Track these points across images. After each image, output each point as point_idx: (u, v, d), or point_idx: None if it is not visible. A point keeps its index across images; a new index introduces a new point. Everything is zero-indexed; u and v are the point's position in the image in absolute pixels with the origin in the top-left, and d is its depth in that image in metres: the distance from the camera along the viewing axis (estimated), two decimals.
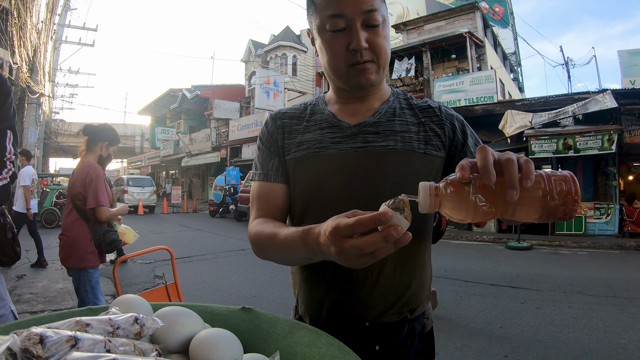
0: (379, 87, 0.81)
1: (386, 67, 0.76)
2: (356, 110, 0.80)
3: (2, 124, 1.10)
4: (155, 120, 28.52)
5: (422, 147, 0.76)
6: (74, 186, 2.20)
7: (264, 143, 0.85)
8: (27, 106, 11.17)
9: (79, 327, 0.46)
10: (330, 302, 0.76)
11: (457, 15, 14.89)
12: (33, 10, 10.51)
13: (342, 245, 0.47)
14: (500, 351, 2.76)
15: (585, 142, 8.50)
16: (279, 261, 0.71)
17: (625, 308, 3.71)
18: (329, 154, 0.77)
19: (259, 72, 17.25)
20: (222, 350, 0.51)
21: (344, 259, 0.49)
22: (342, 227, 0.47)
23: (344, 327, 0.74)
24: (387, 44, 0.74)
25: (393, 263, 0.74)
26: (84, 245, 2.18)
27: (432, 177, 0.77)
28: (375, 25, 0.70)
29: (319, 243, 0.52)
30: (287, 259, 0.68)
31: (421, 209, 0.49)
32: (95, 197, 2.16)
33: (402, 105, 0.82)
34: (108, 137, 2.33)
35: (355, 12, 0.69)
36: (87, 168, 2.22)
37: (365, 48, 0.70)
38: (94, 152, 2.29)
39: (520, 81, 22.18)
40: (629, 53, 14.54)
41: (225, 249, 7.22)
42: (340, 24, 0.70)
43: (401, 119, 0.79)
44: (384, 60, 0.74)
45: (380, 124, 0.78)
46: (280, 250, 0.65)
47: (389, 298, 0.74)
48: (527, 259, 6.54)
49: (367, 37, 0.70)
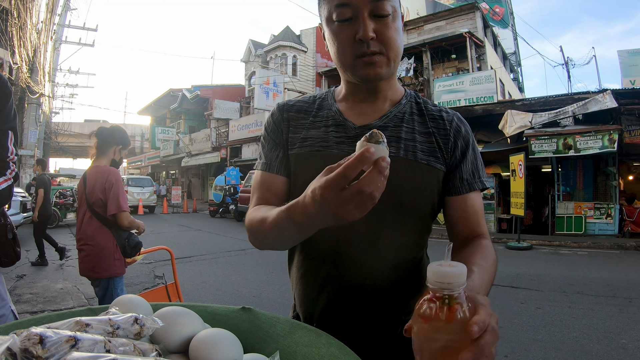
0: (390, 85, 0.78)
1: (397, 61, 0.72)
2: (364, 110, 0.78)
3: (4, 125, 1.10)
4: (155, 120, 28.53)
5: (425, 158, 0.74)
6: (92, 192, 2.10)
7: (269, 133, 0.83)
8: (27, 106, 11.18)
9: (78, 327, 0.46)
10: (324, 302, 0.76)
11: (457, 15, 14.89)
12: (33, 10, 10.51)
13: (341, 198, 0.45)
14: (500, 351, 2.76)
15: (586, 142, 8.50)
16: (273, 245, 0.68)
17: (625, 308, 3.71)
18: (331, 154, 0.75)
19: (258, 72, 17.25)
20: (222, 350, 0.51)
21: (344, 213, 0.47)
22: (333, 179, 0.45)
23: (338, 326, 0.74)
24: (399, 36, 0.70)
25: (389, 269, 0.73)
26: (111, 253, 2.10)
27: (433, 190, 0.75)
28: (383, 15, 0.67)
29: (308, 213, 0.50)
30: (281, 240, 0.65)
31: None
32: (117, 203, 2.09)
33: (412, 110, 0.79)
34: (122, 141, 2.27)
35: (362, 1, 0.66)
36: (105, 173, 2.14)
37: (373, 38, 0.67)
38: (107, 156, 2.22)
39: (520, 81, 22.19)
40: (629, 53, 14.53)
41: (225, 249, 7.22)
42: (347, 14, 0.68)
43: (409, 125, 0.77)
44: (395, 53, 0.70)
45: (386, 128, 0.75)
46: (271, 233, 0.63)
47: (383, 301, 0.74)
48: (527, 259, 6.55)
49: (375, 27, 0.67)
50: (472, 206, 0.76)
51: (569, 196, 9.77)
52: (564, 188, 9.83)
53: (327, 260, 0.75)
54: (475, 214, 0.76)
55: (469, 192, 0.75)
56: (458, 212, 0.76)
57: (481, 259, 0.70)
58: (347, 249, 0.73)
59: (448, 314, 0.41)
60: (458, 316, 0.41)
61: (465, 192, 0.75)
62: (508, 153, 9.00)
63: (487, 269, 0.68)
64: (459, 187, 0.75)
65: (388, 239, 0.73)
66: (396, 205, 0.72)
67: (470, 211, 0.76)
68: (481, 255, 0.71)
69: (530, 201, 9.98)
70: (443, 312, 0.41)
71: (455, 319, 0.41)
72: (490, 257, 0.71)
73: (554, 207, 9.68)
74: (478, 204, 0.77)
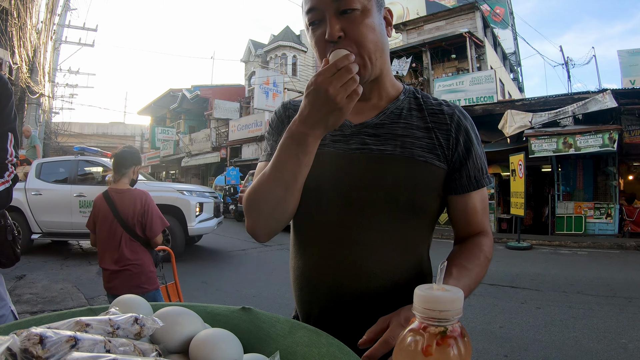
0: (381, 82, 0.76)
1: (374, 59, 0.69)
2: (361, 108, 0.76)
3: (4, 127, 1.10)
4: (155, 121, 28.51)
5: (423, 155, 0.72)
6: (131, 216, 2.18)
7: (273, 128, 0.84)
8: (27, 106, 11.18)
9: (78, 328, 0.46)
10: (321, 304, 0.75)
11: (457, 15, 14.88)
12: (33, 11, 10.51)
13: (332, 80, 0.57)
14: (500, 351, 2.76)
15: (586, 141, 8.50)
16: (273, 199, 0.68)
17: (625, 308, 3.71)
18: (327, 152, 0.75)
19: (258, 72, 17.25)
20: (222, 350, 0.51)
21: (335, 92, 0.57)
22: (326, 68, 0.58)
23: (335, 328, 0.72)
24: (373, 32, 0.67)
25: (388, 269, 0.72)
26: (150, 268, 2.26)
27: (433, 188, 0.72)
28: (349, 10, 0.66)
29: (303, 116, 0.61)
30: (283, 183, 0.66)
31: None
32: (161, 223, 2.25)
33: (411, 105, 0.77)
34: (138, 161, 2.37)
35: (326, 2, 0.66)
36: (141, 195, 2.25)
37: (341, 37, 0.66)
38: (128, 176, 2.30)
39: (520, 81, 22.17)
40: (629, 53, 14.54)
41: (225, 249, 7.22)
42: (315, 17, 0.68)
43: (406, 121, 0.75)
44: (369, 50, 0.67)
45: (383, 125, 0.74)
46: (272, 178, 0.66)
47: (382, 303, 0.71)
48: (527, 259, 6.55)
49: (342, 25, 0.66)
50: (478, 204, 0.75)
51: (569, 196, 9.77)
52: (564, 188, 9.83)
53: (324, 261, 0.74)
54: (482, 211, 0.76)
55: (476, 190, 0.74)
56: (463, 211, 0.75)
57: (466, 259, 0.69)
58: (344, 249, 0.72)
59: (438, 350, 0.33)
60: (451, 353, 0.33)
61: (472, 190, 0.74)
62: (508, 153, 9.00)
63: (471, 269, 0.68)
64: (467, 185, 0.74)
65: (386, 239, 0.71)
66: (393, 204, 0.71)
67: (477, 209, 0.75)
68: (468, 254, 0.71)
69: (530, 201, 9.98)
70: (432, 347, 0.33)
71: (447, 356, 0.33)
72: (478, 256, 0.71)
73: (554, 207, 9.68)
74: (484, 201, 0.77)
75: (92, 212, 2.26)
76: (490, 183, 0.77)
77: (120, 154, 2.29)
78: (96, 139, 25.82)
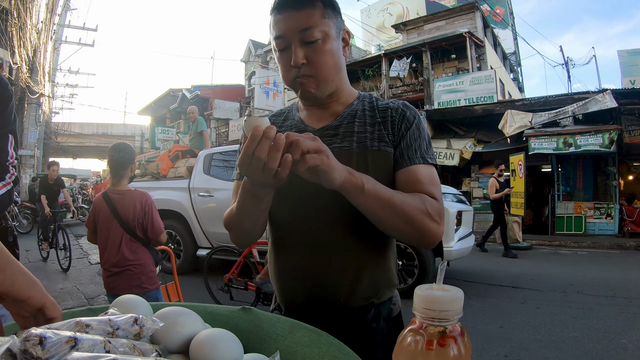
0: (338, 94, 0.87)
1: (330, 79, 0.81)
2: (321, 115, 0.87)
3: (4, 129, 1.09)
4: (155, 121, 28.50)
5: (375, 144, 0.81)
6: (132, 218, 2.16)
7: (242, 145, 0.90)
8: (27, 106, 11.18)
9: (78, 328, 0.46)
10: (297, 291, 0.83)
11: (457, 15, 14.89)
12: (33, 11, 10.51)
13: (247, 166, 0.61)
14: (500, 351, 2.76)
15: (586, 139, 8.50)
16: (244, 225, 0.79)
17: (625, 308, 3.71)
18: None
19: (258, 72, 17.25)
20: (222, 350, 0.51)
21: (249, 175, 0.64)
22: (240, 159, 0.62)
23: (317, 312, 0.81)
24: (331, 57, 0.79)
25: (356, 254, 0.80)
26: (151, 268, 2.26)
27: (387, 170, 0.81)
28: (312, 41, 0.76)
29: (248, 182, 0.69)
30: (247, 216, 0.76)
31: None
32: (159, 225, 2.23)
33: (365, 107, 0.87)
34: (133, 159, 2.33)
35: (292, 33, 0.76)
36: (141, 196, 2.23)
37: (304, 64, 0.77)
38: (126, 176, 2.28)
39: (520, 81, 22.17)
40: (629, 53, 14.54)
41: None
42: (282, 44, 0.78)
43: (360, 120, 0.85)
44: (324, 75, 0.79)
45: (341, 126, 0.84)
46: (239, 213, 0.76)
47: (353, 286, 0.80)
48: (527, 259, 6.55)
49: (306, 53, 0.77)
50: (422, 176, 0.79)
51: (569, 196, 9.77)
52: (564, 188, 9.83)
53: (296, 249, 0.83)
54: (428, 182, 0.79)
55: (409, 166, 0.80)
56: (407, 183, 0.80)
57: (400, 192, 0.75)
58: (313, 237, 0.80)
59: (438, 350, 0.34)
60: (451, 353, 0.34)
61: (406, 166, 0.80)
62: (508, 153, 9.00)
63: (397, 192, 0.73)
64: (400, 162, 0.81)
65: (353, 224, 0.79)
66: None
67: (421, 179, 0.79)
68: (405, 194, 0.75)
69: (530, 201, 9.97)
70: (432, 347, 0.34)
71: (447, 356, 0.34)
72: (413, 195, 0.75)
73: (554, 207, 9.68)
74: (431, 176, 0.81)
75: (91, 211, 2.25)
76: (425, 162, 0.81)
77: (115, 159, 2.24)
78: (96, 139, 25.83)
